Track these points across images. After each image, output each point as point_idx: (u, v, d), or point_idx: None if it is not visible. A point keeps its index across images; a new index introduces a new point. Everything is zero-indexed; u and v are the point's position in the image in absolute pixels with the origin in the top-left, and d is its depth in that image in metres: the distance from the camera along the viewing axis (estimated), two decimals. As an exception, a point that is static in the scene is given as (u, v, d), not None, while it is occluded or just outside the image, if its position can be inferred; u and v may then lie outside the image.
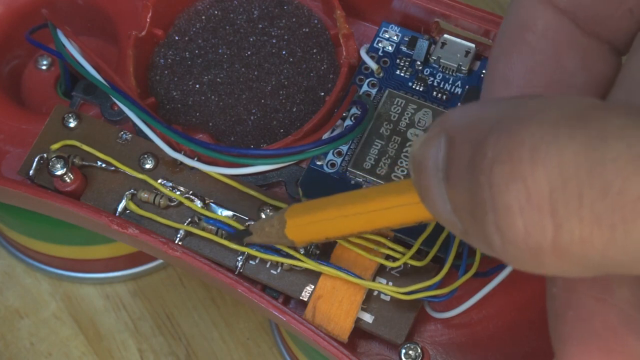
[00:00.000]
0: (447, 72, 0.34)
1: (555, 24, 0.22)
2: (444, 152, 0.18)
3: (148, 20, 0.34)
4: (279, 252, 0.31)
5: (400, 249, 0.31)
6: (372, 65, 0.34)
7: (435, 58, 0.34)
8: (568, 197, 0.16)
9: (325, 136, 0.32)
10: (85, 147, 0.33)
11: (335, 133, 0.32)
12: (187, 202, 0.32)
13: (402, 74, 0.34)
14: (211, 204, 0.33)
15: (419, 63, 0.34)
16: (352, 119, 0.33)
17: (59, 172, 0.32)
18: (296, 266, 0.31)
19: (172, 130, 0.32)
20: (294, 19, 0.35)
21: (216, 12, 0.36)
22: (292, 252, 0.31)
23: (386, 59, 0.34)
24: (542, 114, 0.16)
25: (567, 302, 0.19)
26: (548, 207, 0.16)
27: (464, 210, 0.17)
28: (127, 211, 0.33)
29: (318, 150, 0.31)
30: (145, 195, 0.33)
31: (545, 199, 0.16)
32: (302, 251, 0.31)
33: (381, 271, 0.31)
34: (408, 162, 0.19)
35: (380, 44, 0.35)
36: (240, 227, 0.32)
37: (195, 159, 0.33)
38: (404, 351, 0.31)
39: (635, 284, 0.19)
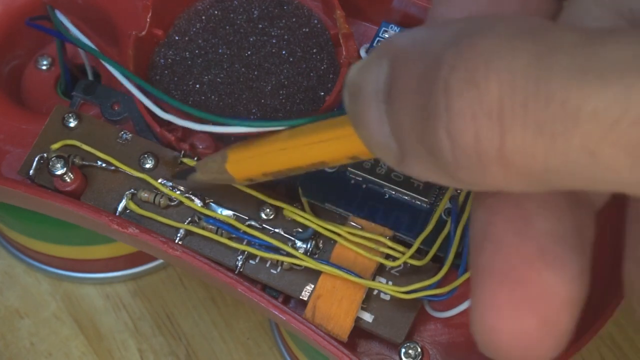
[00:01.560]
0: (446, 71, 0.34)
1: None
2: (387, 74, 0.18)
3: (148, 20, 0.34)
4: (279, 252, 0.31)
5: (400, 248, 0.31)
6: (372, 65, 0.34)
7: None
8: (515, 106, 0.16)
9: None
10: (85, 147, 0.33)
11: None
12: (187, 202, 0.32)
13: (401, 74, 0.34)
14: (211, 203, 0.33)
15: (418, 63, 0.34)
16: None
17: (59, 172, 0.32)
18: (296, 265, 0.31)
19: (167, 95, 0.31)
20: (294, 19, 0.35)
21: (216, 12, 0.36)
22: (292, 251, 0.31)
23: (386, 59, 0.34)
24: (497, 28, 0.17)
25: (485, 235, 0.19)
26: (497, 114, 0.16)
27: (408, 126, 0.18)
28: (127, 211, 0.33)
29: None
30: (146, 194, 0.33)
31: (495, 107, 0.16)
32: (301, 250, 0.31)
33: (381, 270, 0.31)
34: (343, 90, 0.19)
35: (380, 44, 0.35)
36: (240, 226, 0.32)
37: (196, 158, 0.33)
38: (403, 350, 0.31)
39: (554, 217, 0.19)
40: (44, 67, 0.39)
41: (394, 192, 0.32)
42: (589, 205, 0.20)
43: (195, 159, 0.33)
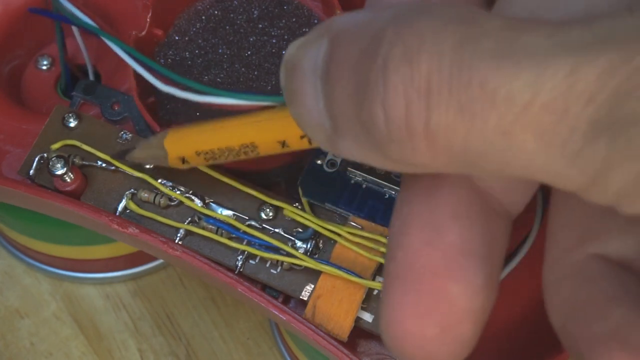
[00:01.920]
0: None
1: None
2: (326, 51, 0.19)
3: (148, 20, 0.34)
4: (279, 252, 0.31)
5: (400, 248, 0.31)
6: (372, 65, 0.34)
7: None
8: (440, 85, 0.17)
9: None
10: (85, 147, 0.33)
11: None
12: (187, 201, 0.32)
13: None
14: (211, 203, 0.33)
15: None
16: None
17: (59, 172, 0.32)
18: (296, 265, 0.31)
19: (167, 70, 0.32)
20: (294, 19, 0.35)
21: (216, 12, 0.36)
22: (292, 251, 0.31)
23: (386, 59, 0.34)
24: (433, 11, 0.18)
25: (398, 244, 0.20)
26: (425, 92, 0.17)
27: (344, 102, 0.18)
28: (127, 211, 0.33)
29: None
30: (146, 194, 0.33)
31: (424, 84, 0.17)
32: (301, 250, 0.31)
33: (381, 270, 0.31)
34: (280, 67, 0.20)
35: (380, 44, 0.35)
36: (241, 226, 0.32)
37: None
38: (403, 350, 0.31)
39: (464, 228, 0.20)
40: (44, 67, 0.39)
41: (394, 192, 0.32)
42: (504, 214, 0.21)
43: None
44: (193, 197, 0.32)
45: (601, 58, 0.16)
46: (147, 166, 0.33)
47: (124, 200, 0.33)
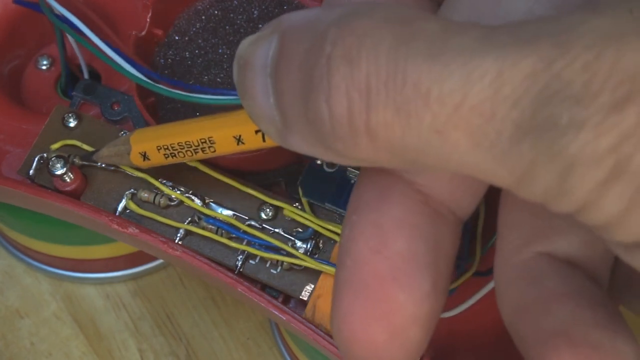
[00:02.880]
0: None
1: None
2: (275, 48, 0.19)
3: (148, 20, 0.34)
4: (279, 251, 0.31)
5: (400, 248, 0.31)
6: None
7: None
8: (378, 85, 0.17)
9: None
10: (85, 147, 0.33)
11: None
12: (187, 201, 0.32)
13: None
14: (211, 203, 0.33)
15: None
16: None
17: (59, 172, 0.32)
18: (296, 265, 0.31)
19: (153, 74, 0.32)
20: (293, 19, 0.35)
21: (216, 12, 0.36)
22: (292, 251, 0.31)
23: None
24: (373, 12, 0.18)
25: (347, 251, 0.21)
26: (365, 91, 0.18)
27: (292, 98, 0.19)
28: (127, 211, 0.33)
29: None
30: (146, 194, 0.33)
31: (364, 84, 0.18)
32: (301, 250, 0.31)
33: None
34: (234, 63, 0.20)
35: (380, 44, 0.35)
36: (241, 226, 0.32)
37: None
38: (403, 350, 0.31)
39: (409, 236, 0.20)
40: (44, 67, 0.39)
41: (394, 192, 0.32)
42: (452, 219, 0.21)
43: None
44: (193, 197, 0.32)
45: (525, 62, 0.16)
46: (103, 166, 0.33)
47: (123, 200, 0.33)
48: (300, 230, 0.32)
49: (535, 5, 0.20)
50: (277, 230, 0.32)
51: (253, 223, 0.32)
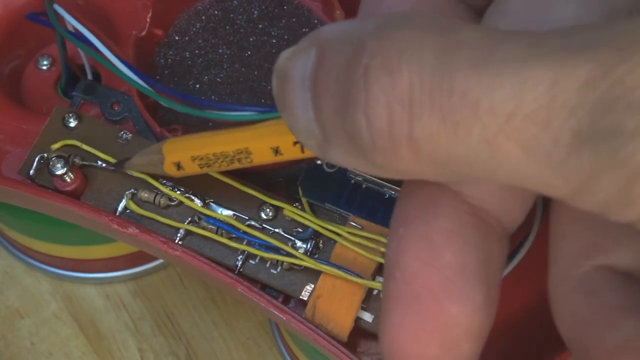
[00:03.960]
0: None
1: None
2: (314, 61, 0.19)
3: (148, 20, 0.34)
4: (279, 251, 0.31)
5: (400, 248, 0.31)
6: (372, 65, 0.34)
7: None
8: (422, 95, 0.17)
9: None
10: (85, 147, 0.33)
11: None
12: (187, 201, 0.32)
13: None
14: (211, 203, 0.33)
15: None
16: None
17: (59, 172, 0.32)
18: (296, 265, 0.31)
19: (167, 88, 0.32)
20: (294, 19, 0.35)
21: (216, 12, 0.36)
22: (292, 251, 0.31)
23: (386, 59, 0.34)
24: (413, 21, 0.18)
25: (395, 264, 0.20)
26: (407, 102, 0.17)
27: (330, 111, 0.19)
28: (128, 211, 0.33)
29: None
30: (146, 194, 0.33)
31: (406, 94, 0.17)
32: (301, 250, 0.31)
33: (381, 270, 0.31)
34: (272, 76, 0.20)
35: (380, 44, 0.35)
36: (240, 226, 0.32)
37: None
38: (403, 350, 0.31)
39: (460, 248, 0.20)
40: (44, 67, 0.39)
41: (394, 192, 0.32)
42: (501, 230, 0.21)
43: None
44: (193, 197, 0.33)
45: (582, 69, 0.16)
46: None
47: (124, 200, 0.33)
48: (300, 230, 0.32)
49: (583, 13, 0.19)
50: (277, 230, 0.32)
51: (253, 223, 0.32)
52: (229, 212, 0.32)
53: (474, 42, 0.17)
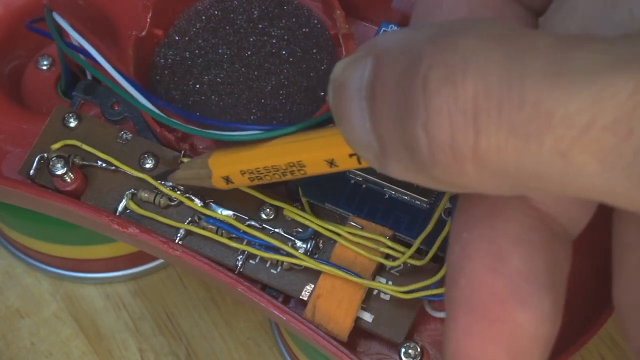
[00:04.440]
0: (446, 71, 0.34)
1: None
2: (370, 71, 0.18)
3: (148, 20, 0.34)
4: (279, 252, 0.31)
5: (400, 248, 0.31)
6: (372, 65, 0.34)
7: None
8: (489, 106, 0.16)
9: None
10: (85, 147, 0.33)
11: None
12: (187, 201, 0.32)
13: (401, 74, 0.34)
14: (211, 203, 0.33)
15: (418, 63, 0.34)
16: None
17: (59, 172, 0.32)
18: (296, 265, 0.31)
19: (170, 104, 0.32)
20: (294, 19, 0.35)
21: (216, 12, 0.36)
22: (292, 251, 0.31)
23: (386, 59, 0.34)
24: (475, 29, 0.17)
25: (461, 270, 0.20)
26: (471, 113, 0.16)
27: (388, 123, 0.18)
28: (128, 211, 0.33)
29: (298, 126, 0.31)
30: (146, 194, 0.33)
31: (470, 105, 0.16)
32: (301, 250, 0.31)
33: (381, 270, 0.31)
34: (328, 86, 0.20)
35: (380, 44, 0.35)
36: (240, 226, 0.32)
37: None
38: (403, 350, 0.31)
39: (527, 254, 0.20)
40: (45, 67, 0.39)
41: (394, 192, 0.32)
42: (564, 236, 0.20)
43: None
44: (193, 197, 0.33)
45: None
46: (147, 166, 0.33)
47: (124, 200, 0.33)
48: (300, 230, 0.32)
49: None
50: (277, 230, 0.32)
51: (253, 223, 0.32)
52: (229, 212, 0.32)
53: (545, 49, 0.16)
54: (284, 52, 0.35)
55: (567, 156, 0.16)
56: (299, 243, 0.32)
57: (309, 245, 0.31)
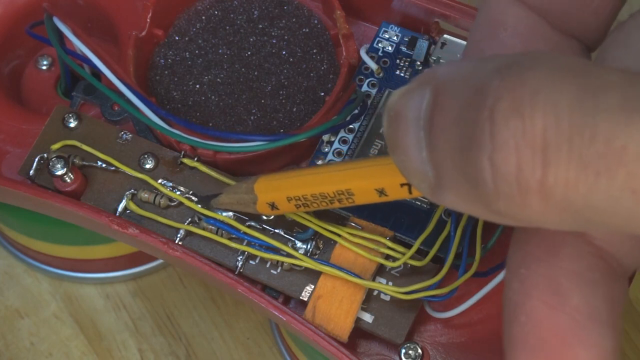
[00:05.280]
0: (447, 72, 0.34)
1: (526, 21, 0.22)
2: (429, 101, 0.18)
3: (148, 20, 0.34)
4: (279, 252, 0.31)
5: (400, 248, 0.31)
6: (372, 65, 0.34)
7: (435, 58, 0.34)
8: (559, 140, 0.16)
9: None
10: (85, 147, 0.33)
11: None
12: (187, 202, 0.32)
13: (402, 74, 0.34)
14: (211, 204, 0.33)
15: (418, 63, 0.34)
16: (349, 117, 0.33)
17: (59, 172, 0.32)
18: (296, 266, 0.31)
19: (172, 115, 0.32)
20: (294, 19, 0.35)
21: (216, 12, 0.36)
22: (292, 252, 0.31)
23: (386, 59, 0.34)
24: (543, 62, 0.17)
25: (520, 307, 0.20)
26: (540, 147, 0.16)
27: (448, 153, 0.18)
28: (128, 211, 0.33)
29: (302, 136, 0.31)
30: (146, 195, 0.33)
31: (539, 139, 0.16)
32: (301, 251, 0.31)
33: (381, 271, 0.31)
34: (383, 114, 0.20)
35: (380, 44, 0.35)
36: (241, 227, 0.32)
37: (196, 158, 0.33)
38: (403, 351, 0.31)
39: (587, 292, 0.19)
40: (44, 67, 0.39)
41: (394, 193, 0.32)
42: (622, 273, 0.20)
43: (195, 159, 0.33)
44: (193, 198, 0.32)
45: None
46: (147, 166, 0.33)
47: (124, 201, 0.33)
48: (300, 230, 0.32)
49: None
50: (277, 230, 0.32)
51: (253, 224, 0.32)
52: (229, 213, 0.32)
53: (618, 84, 0.16)
54: (284, 53, 0.35)
55: (638, 193, 0.16)
56: (299, 244, 0.32)
57: (309, 246, 0.31)
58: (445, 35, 0.34)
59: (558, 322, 0.19)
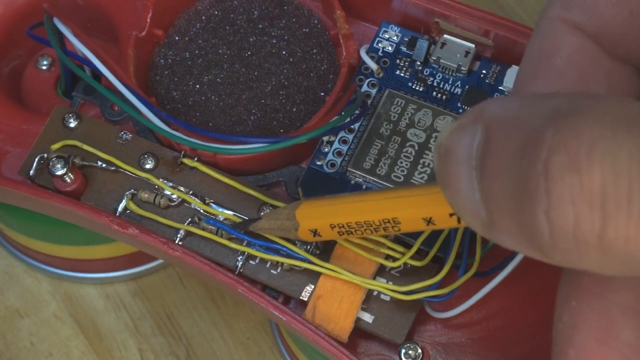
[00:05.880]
0: (447, 72, 0.34)
1: (581, 48, 0.22)
2: (481, 141, 0.18)
3: (148, 20, 0.34)
4: (279, 252, 0.31)
5: (400, 248, 0.31)
6: (372, 65, 0.34)
7: (435, 58, 0.34)
8: (618, 196, 0.16)
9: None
10: (85, 147, 0.33)
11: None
12: (189, 199, 0.32)
13: (402, 74, 0.34)
14: (211, 204, 0.33)
15: (418, 63, 0.34)
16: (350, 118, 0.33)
17: (59, 172, 0.32)
18: (296, 266, 0.31)
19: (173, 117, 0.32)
20: (294, 19, 0.35)
21: (216, 12, 0.36)
22: (292, 249, 0.31)
23: (386, 59, 0.34)
24: (600, 111, 0.16)
25: (569, 340, 0.20)
26: (599, 202, 0.16)
27: (501, 199, 0.18)
28: (128, 211, 0.33)
29: (303, 137, 0.31)
30: (146, 195, 0.33)
31: (597, 194, 0.16)
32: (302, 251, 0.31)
33: (381, 271, 0.31)
34: (433, 150, 0.19)
35: (380, 44, 0.35)
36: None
37: (196, 158, 0.33)
38: (403, 351, 0.31)
39: (638, 327, 0.19)
40: (44, 67, 0.39)
41: (394, 193, 0.32)
42: None
43: (195, 159, 0.33)
44: (193, 198, 0.32)
45: None
46: (147, 166, 0.33)
47: (124, 201, 0.33)
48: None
49: None
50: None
51: (253, 223, 0.32)
52: (229, 212, 0.32)
53: None
54: (284, 53, 0.35)
55: None
56: (299, 244, 0.32)
57: (309, 246, 0.31)
58: (445, 35, 0.34)
59: (607, 357, 0.19)
